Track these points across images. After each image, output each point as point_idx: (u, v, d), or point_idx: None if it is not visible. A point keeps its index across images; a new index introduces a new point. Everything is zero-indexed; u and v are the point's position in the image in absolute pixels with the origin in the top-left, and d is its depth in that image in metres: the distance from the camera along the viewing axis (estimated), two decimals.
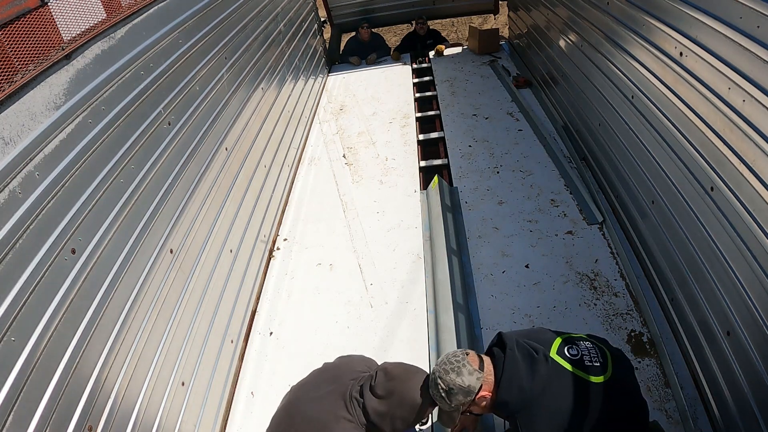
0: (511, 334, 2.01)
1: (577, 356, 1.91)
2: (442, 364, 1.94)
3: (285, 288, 3.63)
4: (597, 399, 1.83)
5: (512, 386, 1.86)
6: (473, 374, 1.89)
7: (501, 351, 1.96)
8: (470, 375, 1.89)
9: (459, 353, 1.96)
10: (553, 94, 5.26)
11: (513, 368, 1.88)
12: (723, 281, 2.31)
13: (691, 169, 2.55)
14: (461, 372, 1.89)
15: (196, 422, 2.52)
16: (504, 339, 1.99)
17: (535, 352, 1.91)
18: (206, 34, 3.27)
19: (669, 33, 2.72)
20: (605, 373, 1.88)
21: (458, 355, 1.95)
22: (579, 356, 1.92)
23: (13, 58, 1.77)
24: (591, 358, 1.91)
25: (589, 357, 1.91)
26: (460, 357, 1.93)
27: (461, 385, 1.87)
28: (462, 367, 1.89)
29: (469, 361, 1.92)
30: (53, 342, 1.69)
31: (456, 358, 1.94)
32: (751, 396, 2.10)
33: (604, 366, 1.90)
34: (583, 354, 1.92)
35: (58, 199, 1.82)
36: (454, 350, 2.00)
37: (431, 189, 4.32)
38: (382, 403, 2.02)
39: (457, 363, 1.91)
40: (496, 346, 2.02)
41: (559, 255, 3.50)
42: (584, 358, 1.91)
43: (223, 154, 3.28)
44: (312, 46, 6.44)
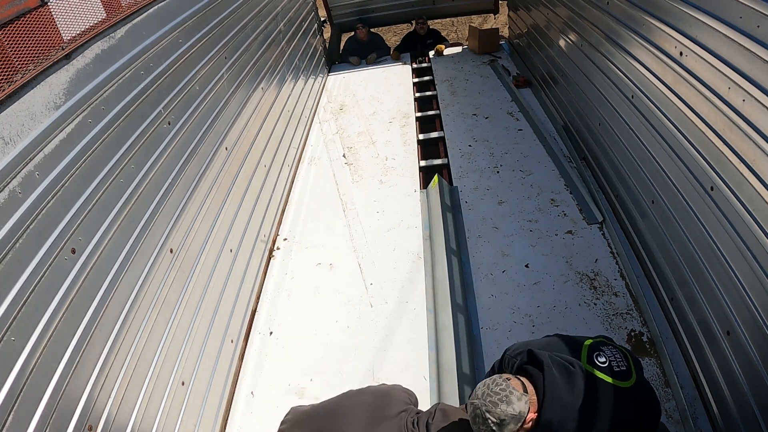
0: (542, 351, 1.93)
1: (606, 363, 1.87)
2: (486, 397, 1.81)
3: (285, 288, 3.63)
4: (630, 404, 1.81)
5: (555, 405, 1.79)
6: (522, 399, 1.79)
7: (537, 369, 1.87)
8: (519, 401, 1.78)
9: (499, 381, 1.83)
10: (553, 94, 5.26)
11: (553, 386, 1.81)
12: (723, 281, 2.31)
13: (691, 169, 2.55)
14: (510, 400, 1.78)
15: (196, 422, 2.52)
16: (537, 356, 1.90)
17: (571, 365, 1.85)
18: (206, 34, 3.27)
19: (669, 33, 2.72)
20: (631, 377, 1.86)
21: (500, 383, 1.82)
22: (608, 363, 1.87)
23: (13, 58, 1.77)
24: (618, 364, 1.87)
25: (616, 362, 1.88)
26: (503, 385, 1.81)
27: (513, 414, 1.77)
28: (510, 395, 1.78)
29: (514, 387, 1.81)
30: (53, 342, 1.69)
31: (499, 387, 1.81)
32: (751, 396, 2.10)
33: (630, 369, 1.88)
34: (610, 360, 1.88)
35: (58, 199, 1.82)
36: (491, 379, 1.86)
37: (431, 188, 4.32)
38: None
39: (503, 392, 1.79)
40: (528, 364, 1.93)
41: (559, 255, 3.50)
42: (612, 364, 1.87)
43: (223, 154, 3.28)
44: (312, 45, 6.44)
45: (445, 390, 2.73)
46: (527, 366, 1.91)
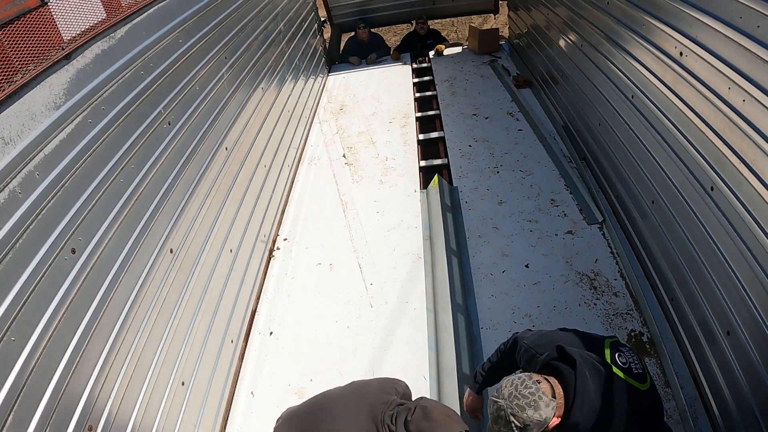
0: (571, 348, 1.85)
1: (626, 365, 1.83)
2: (513, 399, 1.71)
3: (285, 288, 3.63)
4: (648, 407, 1.79)
5: (584, 406, 1.73)
6: (549, 405, 1.71)
7: (568, 367, 1.80)
8: (547, 407, 1.70)
9: (529, 383, 1.74)
10: (553, 94, 5.26)
11: (585, 388, 1.74)
12: (723, 281, 2.31)
13: (691, 169, 2.55)
14: (539, 406, 1.69)
15: (196, 422, 2.52)
16: (569, 354, 1.81)
17: (602, 366, 1.80)
18: (206, 34, 3.27)
19: (669, 33, 2.72)
20: (647, 380, 1.83)
21: (530, 385, 1.73)
22: (627, 364, 1.84)
23: (13, 58, 1.77)
24: (636, 366, 1.84)
25: (634, 364, 1.84)
26: (533, 388, 1.72)
27: (538, 420, 1.69)
28: (539, 400, 1.70)
29: (544, 392, 1.72)
30: (53, 342, 1.69)
31: (529, 390, 1.72)
32: (751, 396, 2.10)
33: (645, 372, 1.85)
34: (629, 362, 1.85)
35: (58, 199, 1.82)
36: (520, 378, 1.77)
37: (431, 188, 4.32)
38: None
39: (532, 396, 1.71)
40: (558, 361, 1.85)
41: (559, 255, 3.50)
42: (631, 366, 1.84)
43: (223, 154, 3.28)
44: (312, 45, 6.44)
45: (445, 390, 2.73)
46: (558, 363, 1.82)
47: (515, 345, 2.07)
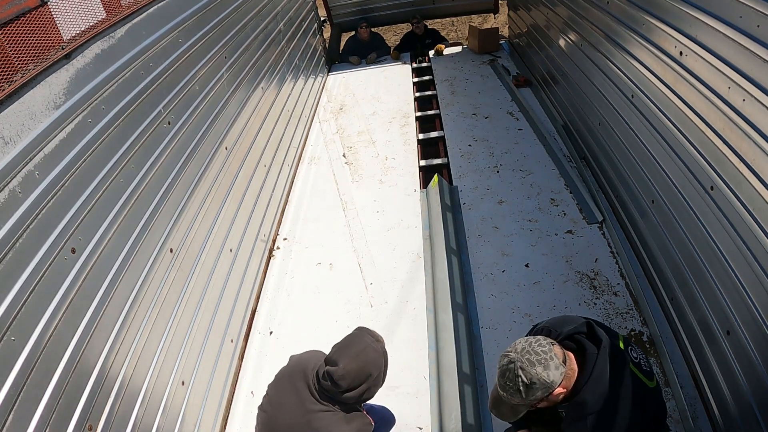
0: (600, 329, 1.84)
1: (638, 360, 1.84)
2: (525, 353, 1.71)
3: (285, 287, 3.63)
4: (653, 405, 1.80)
5: (597, 389, 1.73)
6: (558, 369, 1.70)
7: (593, 345, 1.78)
8: (556, 369, 1.69)
9: (543, 342, 1.73)
10: (553, 94, 5.26)
11: (603, 371, 1.74)
12: (723, 281, 2.31)
13: (691, 169, 2.55)
14: (548, 365, 1.68)
15: (196, 422, 2.52)
16: (598, 334, 1.80)
17: (620, 355, 1.80)
18: (206, 34, 3.27)
19: (669, 32, 2.72)
20: (654, 380, 1.84)
21: (544, 345, 1.72)
22: (638, 360, 1.85)
23: (13, 57, 1.77)
24: (645, 363, 1.85)
25: (644, 362, 1.86)
26: (547, 348, 1.72)
27: (545, 380, 1.68)
28: (550, 360, 1.69)
29: (556, 354, 1.72)
30: (53, 342, 1.69)
31: (542, 348, 1.71)
32: (751, 396, 2.11)
33: (652, 370, 1.87)
34: (640, 358, 1.86)
35: (58, 198, 1.82)
36: (536, 338, 1.77)
37: (431, 188, 4.32)
38: (337, 372, 1.94)
39: (544, 354, 1.70)
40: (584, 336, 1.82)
41: (559, 254, 3.50)
42: (641, 362, 1.85)
43: (223, 154, 3.28)
44: (312, 45, 6.44)
45: (445, 390, 2.73)
46: (584, 339, 1.81)
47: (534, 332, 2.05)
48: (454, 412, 2.61)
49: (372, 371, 1.98)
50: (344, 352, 1.99)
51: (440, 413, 2.64)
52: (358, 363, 1.95)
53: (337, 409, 1.99)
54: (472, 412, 2.62)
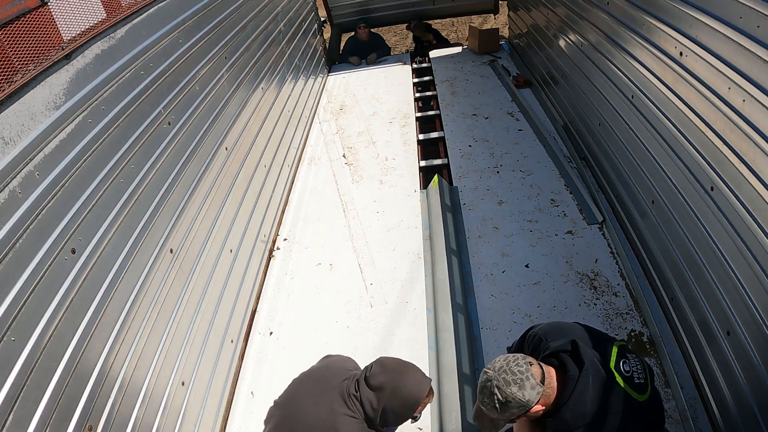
0: (586, 348, 1.85)
1: (629, 373, 1.84)
2: (501, 372, 1.77)
3: (285, 288, 3.63)
4: (641, 418, 1.79)
5: (577, 408, 1.75)
6: (535, 388, 1.74)
7: (575, 366, 1.80)
8: (532, 389, 1.73)
9: (522, 362, 1.78)
10: (553, 94, 5.26)
11: (584, 393, 1.76)
12: (723, 281, 2.31)
13: (691, 169, 2.55)
14: (523, 385, 1.73)
15: (196, 422, 2.52)
16: (581, 355, 1.81)
17: (605, 373, 1.80)
18: (206, 34, 3.27)
19: (669, 33, 2.72)
20: (647, 391, 1.83)
21: (521, 364, 1.77)
22: (630, 373, 1.84)
23: (13, 58, 1.77)
24: (638, 375, 1.84)
25: (636, 374, 1.84)
26: (524, 368, 1.76)
27: (520, 399, 1.73)
28: (525, 380, 1.74)
29: (533, 373, 1.76)
30: (53, 342, 1.69)
31: (519, 368, 1.76)
32: (751, 396, 2.10)
33: (647, 382, 1.85)
34: (633, 370, 1.85)
35: (58, 199, 1.82)
36: (514, 356, 1.81)
37: (431, 188, 4.32)
38: (376, 395, 2.01)
39: (520, 374, 1.75)
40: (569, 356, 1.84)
41: (559, 255, 3.50)
42: (634, 375, 1.84)
43: (223, 154, 3.28)
44: (312, 45, 6.44)
45: (445, 390, 2.73)
46: (566, 358, 1.83)
47: (525, 337, 2.07)
48: (454, 412, 2.61)
49: (406, 411, 2.03)
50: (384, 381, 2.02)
51: (440, 413, 2.64)
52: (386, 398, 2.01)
53: (361, 419, 2.01)
54: (472, 412, 2.62)
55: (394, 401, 2.00)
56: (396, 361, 2.11)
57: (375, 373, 2.05)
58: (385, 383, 2.01)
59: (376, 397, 2.00)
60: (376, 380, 2.02)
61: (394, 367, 2.06)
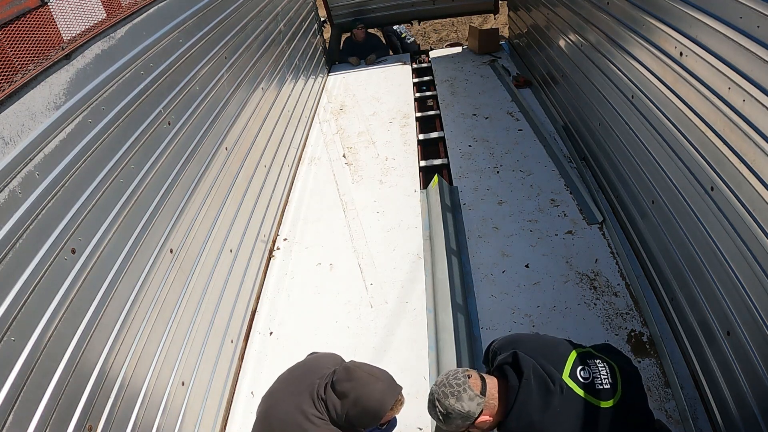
0: (527, 357, 1.87)
1: (589, 379, 1.83)
2: (441, 386, 1.86)
3: (285, 288, 3.63)
4: (605, 425, 1.77)
5: (522, 418, 1.77)
6: (474, 400, 1.81)
7: (516, 376, 1.84)
8: (470, 401, 1.80)
9: (460, 375, 1.86)
10: (553, 94, 5.26)
11: (526, 401, 1.78)
12: (723, 281, 2.31)
13: (691, 169, 2.55)
14: (461, 397, 1.80)
15: (196, 422, 2.52)
16: (521, 364, 1.85)
17: (552, 381, 1.81)
18: (206, 34, 3.27)
19: (669, 33, 2.72)
20: (615, 396, 1.81)
21: (459, 377, 1.85)
22: (590, 379, 1.83)
23: (13, 58, 1.77)
24: (602, 381, 1.83)
25: (600, 379, 1.83)
26: (461, 380, 1.84)
27: (460, 411, 1.80)
28: (462, 392, 1.81)
29: (471, 386, 1.82)
30: (53, 342, 1.69)
31: (457, 380, 1.84)
32: (751, 396, 2.10)
33: (614, 387, 1.83)
34: (594, 376, 1.84)
35: (58, 199, 1.82)
36: (455, 370, 1.90)
37: (431, 188, 4.32)
38: (340, 401, 2.01)
39: (458, 387, 1.82)
40: (510, 366, 1.87)
41: (559, 255, 3.50)
42: (595, 381, 1.83)
43: (223, 154, 3.28)
44: (312, 45, 6.44)
45: None
46: (507, 369, 1.88)
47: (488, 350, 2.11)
48: None
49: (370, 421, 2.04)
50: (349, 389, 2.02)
51: None
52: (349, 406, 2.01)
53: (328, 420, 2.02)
54: None
55: (356, 410, 2.00)
56: (363, 368, 2.09)
57: (340, 379, 2.05)
58: (348, 391, 2.01)
59: (340, 404, 2.01)
60: (340, 386, 2.03)
61: (359, 376, 2.04)
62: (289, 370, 2.29)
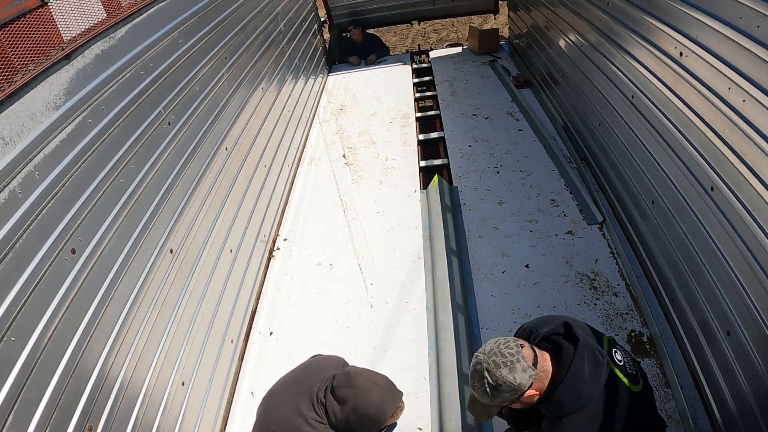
0: (578, 329, 1.79)
1: (622, 362, 1.81)
2: (492, 355, 1.70)
3: (285, 288, 3.63)
4: (635, 408, 1.75)
5: (574, 388, 1.69)
6: (527, 371, 1.67)
7: (570, 345, 1.75)
8: (524, 372, 1.66)
9: (512, 344, 1.71)
10: (553, 94, 5.26)
11: (580, 369, 1.70)
12: (723, 281, 2.31)
13: (691, 169, 2.55)
14: (515, 368, 1.66)
15: (196, 422, 2.52)
16: (575, 333, 1.76)
17: (600, 355, 1.75)
18: (206, 34, 3.27)
19: (669, 33, 2.72)
20: (640, 383, 1.81)
21: (512, 346, 1.70)
22: (623, 363, 1.81)
23: (13, 58, 1.77)
24: (630, 367, 1.81)
25: (629, 365, 1.82)
26: (514, 350, 1.69)
27: (511, 383, 1.66)
28: (516, 363, 1.67)
29: (524, 357, 1.69)
30: (53, 342, 1.69)
31: (509, 350, 1.69)
32: (751, 396, 2.10)
33: (638, 375, 1.83)
34: (625, 361, 1.82)
35: (58, 199, 1.82)
36: (504, 339, 1.75)
37: (431, 188, 4.32)
38: (340, 407, 2.01)
39: (511, 357, 1.67)
40: (562, 336, 1.79)
41: (559, 255, 3.50)
42: (626, 366, 1.81)
43: (223, 154, 3.28)
44: (312, 45, 6.44)
45: (445, 390, 2.73)
46: (560, 339, 1.78)
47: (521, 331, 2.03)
48: (454, 412, 2.61)
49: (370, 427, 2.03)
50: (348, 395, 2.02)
51: (440, 414, 2.64)
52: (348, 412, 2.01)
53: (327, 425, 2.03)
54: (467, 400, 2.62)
55: (355, 416, 2.00)
56: (364, 374, 2.09)
57: (340, 384, 2.04)
58: (348, 397, 2.01)
59: (340, 409, 2.01)
60: (340, 392, 2.03)
61: (360, 383, 2.04)
62: (289, 372, 2.29)
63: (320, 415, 2.03)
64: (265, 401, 2.19)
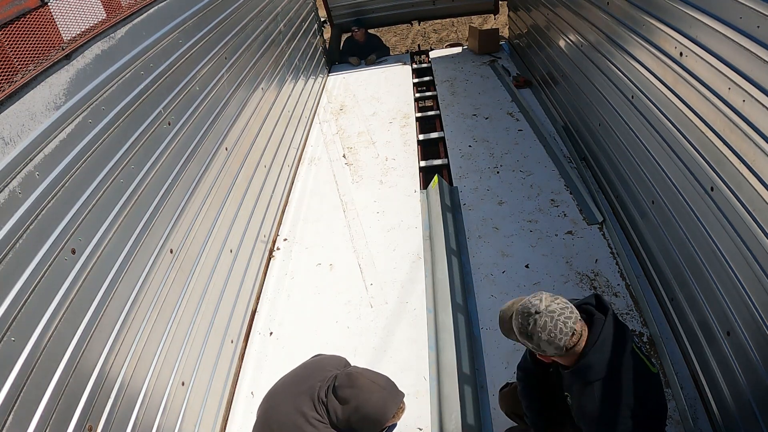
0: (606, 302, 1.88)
1: (639, 345, 1.90)
2: (552, 313, 1.72)
3: (285, 288, 3.63)
4: (653, 389, 1.82)
5: (602, 354, 1.75)
6: (575, 335, 1.72)
7: (601, 314, 1.81)
8: (572, 336, 1.72)
9: (570, 312, 1.74)
10: (553, 94, 5.26)
11: (609, 335, 1.77)
12: (723, 281, 2.31)
13: (691, 169, 2.55)
14: (567, 333, 1.71)
15: (196, 422, 2.52)
16: (605, 304, 1.84)
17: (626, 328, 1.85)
18: (206, 34, 3.27)
19: (669, 33, 2.72)
20: (655, 367, 1.88)
21: (570, 314, 1.73)
22: (640, 345, 1.90)
23: (13, 58, 1.77)
24: (644, 349, 1.90)
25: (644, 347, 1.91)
26: (574, 317, 1.73)
27: (559, 344, 1.71)
28: (569, 328, 1.71)
29: (575, 323, 1.73)
30: (53, 342, 1.69)
31: (568, 317, 1.72)
32: (751, 396, 2.10)
33: (651, 360, 1.90)
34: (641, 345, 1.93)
35: (58, 199, 1.82)
36: (565, 303, 1.76)
37: (431, 189, 4.32)
38: (342, 407, 2.02)
39: (569, 321, 1.71)
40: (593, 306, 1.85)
41: (559, 255, 3.50)
42: (642, 348, 1.89)
43: (223, 154, 3.28)
44: (312, 45, 6.44)
45: (445, 390, 2.73)
46: (592, 308, 1.84)
47: None
48: (454, 412, 2.61)
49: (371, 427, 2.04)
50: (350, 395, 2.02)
51: (440, 414, 2.64)
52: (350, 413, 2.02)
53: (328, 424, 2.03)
54: (472, 412, 2.62)
55: (356, 416, 2.01)
56: (366, 375, 2.09)
57: (342, 384, 2.05)
58: (349, 398, 2.02)
59: (342, 409, 2.02)
60: (342, 392, 2.04)
61: (362, 383, 2.05)
62: (291, 371, 2.29)
63: (321, 414, 2.03)
64: (266, 400, 2.19)
